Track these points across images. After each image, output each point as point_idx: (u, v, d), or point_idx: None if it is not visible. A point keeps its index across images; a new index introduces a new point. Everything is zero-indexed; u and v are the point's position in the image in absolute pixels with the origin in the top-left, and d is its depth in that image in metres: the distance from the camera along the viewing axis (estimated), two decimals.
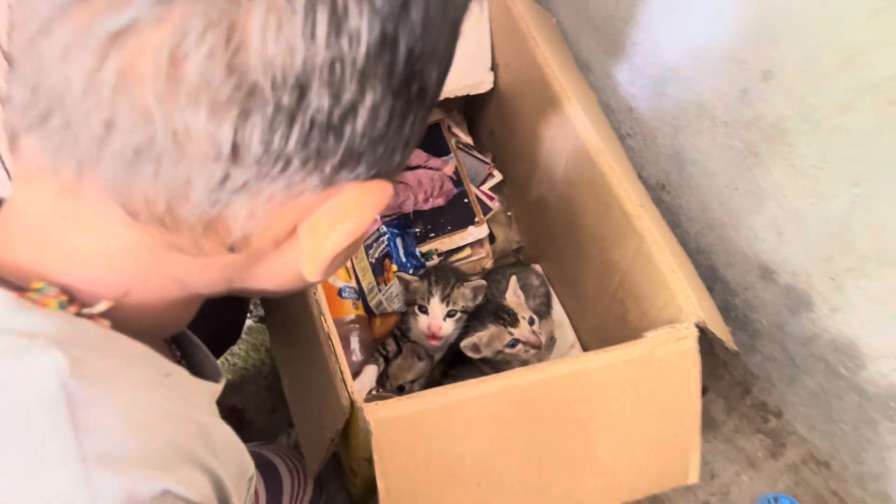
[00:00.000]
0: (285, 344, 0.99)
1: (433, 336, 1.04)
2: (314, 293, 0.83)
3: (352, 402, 0.77)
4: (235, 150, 0.31)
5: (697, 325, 0.86)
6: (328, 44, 0.30)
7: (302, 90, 0.31)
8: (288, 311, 0.94)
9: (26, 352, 0.34)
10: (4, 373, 0.34)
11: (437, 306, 1.04)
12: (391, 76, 0.33)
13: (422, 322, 1.05)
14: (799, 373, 1.19)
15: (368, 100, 0.33)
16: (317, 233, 0.37)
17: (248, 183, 0.33)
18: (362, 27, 0.31)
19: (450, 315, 1.05)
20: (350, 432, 0.84)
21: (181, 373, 0.43)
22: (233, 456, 0.47)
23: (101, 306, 0.38)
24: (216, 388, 0.47)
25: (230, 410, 1.13)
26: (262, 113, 0.31)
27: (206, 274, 0.39)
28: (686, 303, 0.88)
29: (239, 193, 0.33)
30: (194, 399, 0.43)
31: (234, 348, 1.19)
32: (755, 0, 0.97)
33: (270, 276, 0.41)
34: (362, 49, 0.31)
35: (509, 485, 0.83)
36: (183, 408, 0.41)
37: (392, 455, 0.76)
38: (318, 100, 0.31)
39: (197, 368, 0.52)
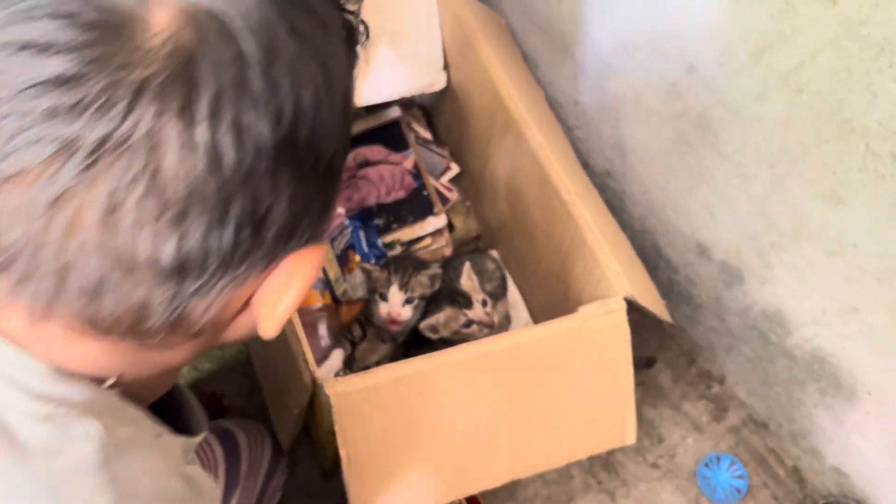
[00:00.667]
0: None
1: (393, 321, 1.14)
2: None
3: (313, 379, 0.86)
4: (180, 266, 0.35)
5: (626, 300, 0.96)
6: (237, 157, 0.34)
7: (225, 201, 0.34)
8: None
9: (71, 420, 0.39)
10: (55, 439, 0.38)
11: (395, 294, 1.14)
12: (298, 167, 0.37)
13: (382, 309, 1.14)
14: (736, 341, 1.30)
15: (284, 194, 0.37)
16: (268, 301, 0.42)
17: (199, 288, 0.37)
18: (262, 134, 0.35)
19: (408, 301, 1.14)
20: (315, 408, 0.93)
21: (165, 432, 0.49)
22: (213, 496, 0.55)
23: (110, 381, 0.43)
24: (193, 442, 0.53)
25: (209, 396, 1.22)
26: (195, 228, 0.34)
27: (181, 354, 0.45)
28: (615, 280, 0.97)
29: (193, 297, 0.37)
30: (176, 454, 0.50)
31: None
32: None
33: (233, 335, 0.46)
34: (268, 153, 0.35)
35: (463, 449, 0.92)
36: (173, 464, 0.48)
37: (353, 426, 0.86)
38: (241, 206, 0.35)
39: (186, 419, 0.58)
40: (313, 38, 0.38)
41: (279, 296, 0.42)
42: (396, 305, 1.14)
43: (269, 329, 0.44)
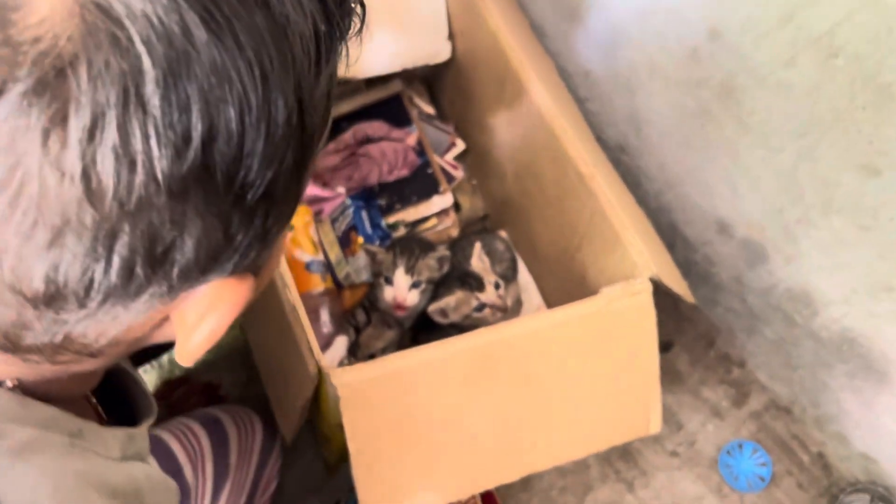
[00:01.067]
0: (254, 318, 1.02)
1: (399, 306, 1.07)
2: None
3: (319, 369, 0.79)
4: (53, 295, 0.30)
5: (652, 280, 0.90)
6: (124, 188, 0.28)
7: (109, 235, 0.29)
8: None
9: None
10: None
11: (401, 277, 1.07)
12: (213, 198, 0.30)
13: (387, 293, 1.08)
14: (758, 323, 1.24)
15: (194, 228, 0.30)
16: (184, 324, 0.36)
17: (85, 316, 0.32)
18: (159, 162, 0.28)
19: (415, 286, 1.07)
20: (320, 400, 0.87)
21: (91, 427, 0.43)
22: (160, 498, 0.48)
23: (8, 383, 0.39)
24: (136, 432, 0.47)
25: (204, 387, 1.16)
26: (70, 259, 0.29)
27: (89, 365, 0.39)
28: (640, 258, 0.91)
29: (79, 324, 0.32)
30: (109, 450, 0.44)
31: None
32: None
33: (161, 338, 0.40)
34: (167, 184, 0.29)
35: (478, 441, 0.86)
36: (96, 466, 0.42)
37: (361, 417, 0.79)
38: (131, 241, 0.29)
39: (134, 403, 0.52)
40: (250, 40, 0.29)
41: (196, 323, 0.36)
42: (402, 289, 1.07)
43: (182, 357, 0.38)
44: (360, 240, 1.17)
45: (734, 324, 1.29)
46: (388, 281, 1.08)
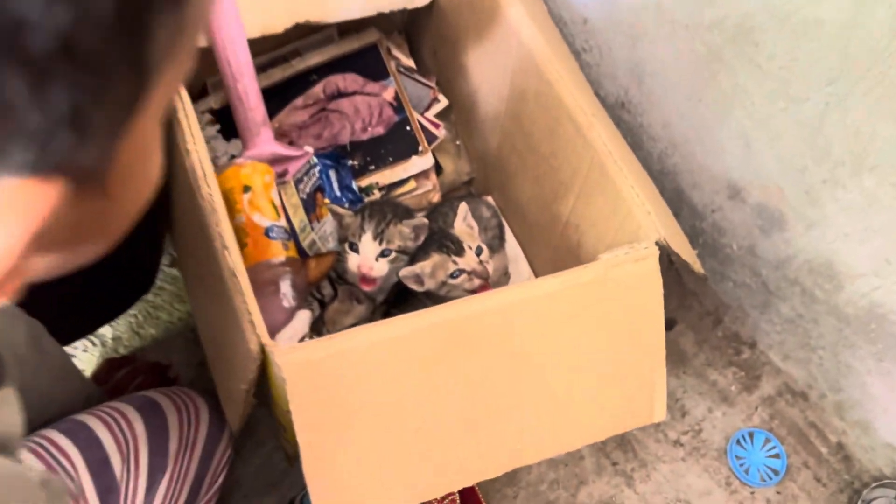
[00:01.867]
0: (197, 286, 0.89)
1: (364, 278, 0.94)
2: (216, 224, 0.72)
3: (262, 346, 0.66)
4: None
5: (658, 245, 0.77)
6: None
7: None
8: (196, 248, 0.83)
9: None
10: None
11: (368, 244, 0.94)
12: None
13: (352, 261, 0.94)
14: (773, 299, 1.11)
15: None
16: None
17: None
18: None
19: (384, 255, 0.94)
20: (270, 382, 0.74)
21: None
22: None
23: None
24: None
25: (151, 367, 1.03)
26: None
27: None
28: (645, 220, 0.78)
29: None
30: None
31: (157, 300, 1.09)
32: None
33: None
34: None
35: (452, 429, 0.74)
36: None
37: (312, 404, 0.67)
38: None
39: None
40: None
41: None
42: (369, 259, 0.94)
43: None
44: (327, 201, 1.04)
45: (745, 299, 1.16)
46: (354, 248, 0.94)
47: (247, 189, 1.01)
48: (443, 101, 1.21)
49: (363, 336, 0.69)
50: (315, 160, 1.04)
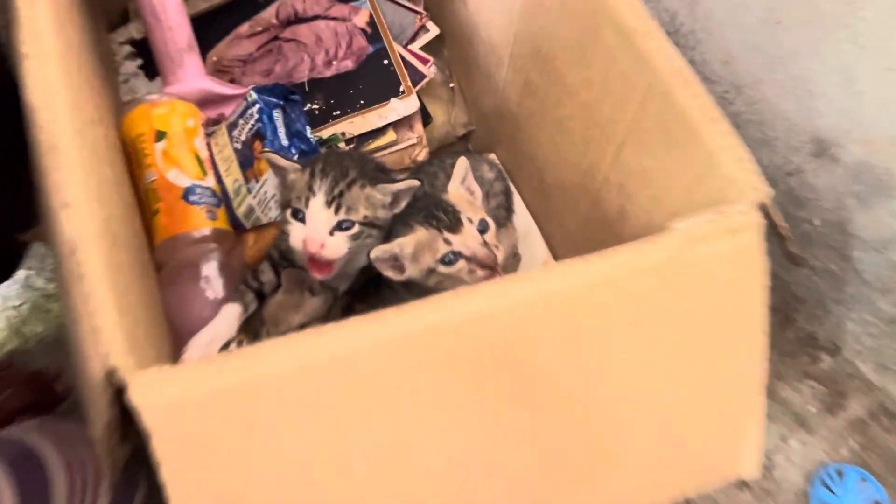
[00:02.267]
0: (56, 269, 0.62)
1: (313, 260, 0.65)
2: (56, 169, 0.45)
3: (111, 372, 0.39)
4: None
5: (761, 209, 0.50)
6: None
7: None
8: (46, 207, 0.56)
9: None
10: None
11: (319, 212, 0.64)
12: None
13: (295, 235, 0.65)
14: (867, 291, 0.84)
15: None
16: None
17: None
18: None
19: (342, 227, 0.65)
20: None
21: None
22: None
23: None
24: None
25: (31, 377, 0.75)
26: None
27: None
28: (740, 171, 0.50)
29: None
30: None
31: (49, 287, 0.81)
32: None
33: None
34: None
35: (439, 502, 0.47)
36: None
37: (197, 467, 0.39)
38: None
39: None
40: None
41: None
42: (319, 232, 0.65)
43: None
44: (266, 150, 0.75)
45: (827, 292, 0.89)
46: (299, 216, 0.66)
47: (160, 136, 0.73)
48: (433, 30, 0.93)
49: (295, 351, 0.41)
50: (254, 95, 0.76)
